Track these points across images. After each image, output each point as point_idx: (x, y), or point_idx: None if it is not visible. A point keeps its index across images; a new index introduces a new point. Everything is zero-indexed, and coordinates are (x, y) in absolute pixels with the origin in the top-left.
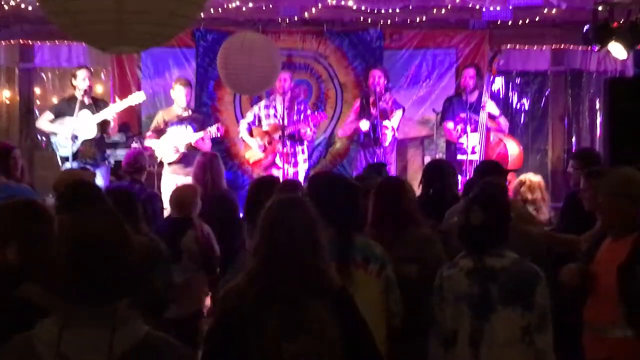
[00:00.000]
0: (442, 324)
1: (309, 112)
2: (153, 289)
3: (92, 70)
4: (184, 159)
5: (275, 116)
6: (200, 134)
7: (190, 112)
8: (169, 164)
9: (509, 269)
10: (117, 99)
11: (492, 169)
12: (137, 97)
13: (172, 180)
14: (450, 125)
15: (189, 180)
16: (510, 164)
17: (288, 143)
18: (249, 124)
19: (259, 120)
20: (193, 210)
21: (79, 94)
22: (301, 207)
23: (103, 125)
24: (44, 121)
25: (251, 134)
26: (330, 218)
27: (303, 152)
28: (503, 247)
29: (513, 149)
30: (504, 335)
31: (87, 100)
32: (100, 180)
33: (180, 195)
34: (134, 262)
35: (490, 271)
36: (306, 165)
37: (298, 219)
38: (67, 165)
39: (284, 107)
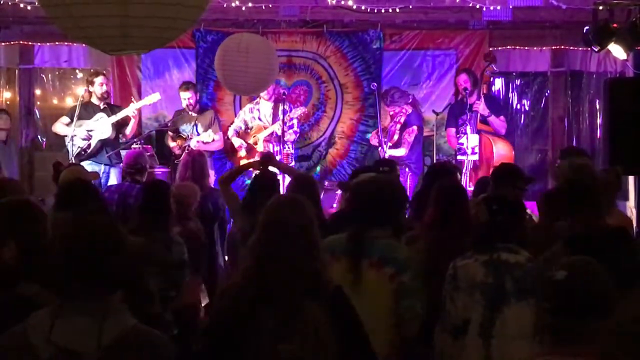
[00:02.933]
0: (452, 313)
1: (293, 112)
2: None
3: (92, 70)
4: None
5: (259, 119)
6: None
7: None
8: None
9: (524, 265)
10: (133, 99)
11: (508, 174)
12: (152, 98)
13: None
14: (453, 131)
15: None
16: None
17: (271, 145)
18: (235, 130)
19: (246, 124)
20: (186, 210)
21: (95, 98)
22: (298, 208)
23: (119, 127)
24: (60, 124)
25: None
26: (355, 214)
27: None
28: (517, 245)
29: (500, 149)
30: (516, 329)
31: (102, 105)
32: (114, 180)
33: (176, 195)
34: (124, 258)
35: (505, 264)
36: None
37: (294, 219)
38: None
39: (284, 115)
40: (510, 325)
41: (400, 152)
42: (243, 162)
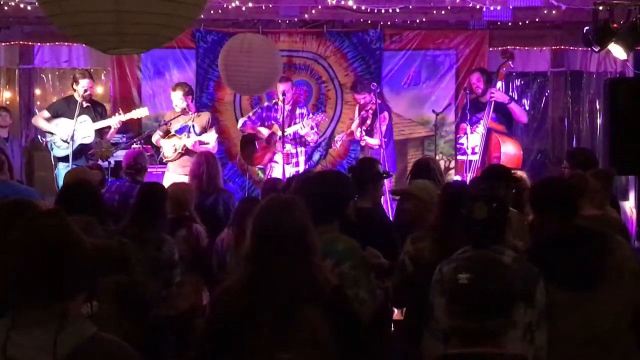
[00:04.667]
0: (440, 319)
1: (311, 115)
2: (136, 291)
3: (93, 70)
4: (183, 160)
5: (276, 119)
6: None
7: (191, 114)
8: (169, 162)
9: (510, 266)
10: (120, 111)
11: (498, 174)
12: (140, 112)
13: (170, 179)
14: (464, 126)
15: (185, 179)
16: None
17: (288, 146)
18: (249, 117)
19: (262, 121)
20: (185, 209)
21: (77, 96)
22: (291, 210)
23: (101, 131)
24: (41, 119)
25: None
26: None
27: (302, 153)
28: (503, 245)
29: (508, 149)
30: None
31: (85, 104)
32: None
33: (172, 194)
34: (78, 261)
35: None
36: (306, 166)
37: (288, 222)
38: (62, 165)
39: (284, 115)
40: None
41: (375, 141)
42: (256, 158)
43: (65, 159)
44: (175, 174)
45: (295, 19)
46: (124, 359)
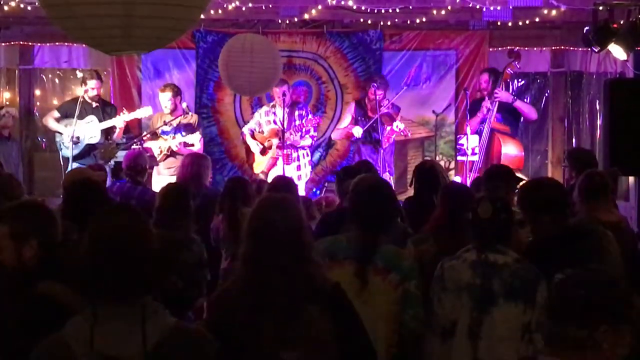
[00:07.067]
0: (440, 315)
1: (310, 116)
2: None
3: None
4: (168, 161)
5: (275, 122)
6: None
7: (181, 116)
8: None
9: (512, 266)
10: (124, 110)
11: (501, 174)
12: (144, 111)
13: (157, 180)
14: (467, 124)
15: (171, 179)
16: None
17: (289, 151)
18: (251, 129)
19: (260, 127)
20: None
21: (86, 97)
22: (285, 209)
23: (107, 131)
24: (51, 119)
25: (253, 138)
26: (360, 219)
27: (305, 156)
28: (506, 246)
29: (509, 149)
30: (504, 330)
31: (94, 104)
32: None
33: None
34: (157, 258)
35: (493, 265)
36: (310, 168)
37: (282, 222)
38: (74, 165)
39: (283, 115)
40: (498, 327)
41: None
42: (256, 165)
43: (74, 158)
44: (161, 175)
45: (295, 19)
46: (206, 346)
